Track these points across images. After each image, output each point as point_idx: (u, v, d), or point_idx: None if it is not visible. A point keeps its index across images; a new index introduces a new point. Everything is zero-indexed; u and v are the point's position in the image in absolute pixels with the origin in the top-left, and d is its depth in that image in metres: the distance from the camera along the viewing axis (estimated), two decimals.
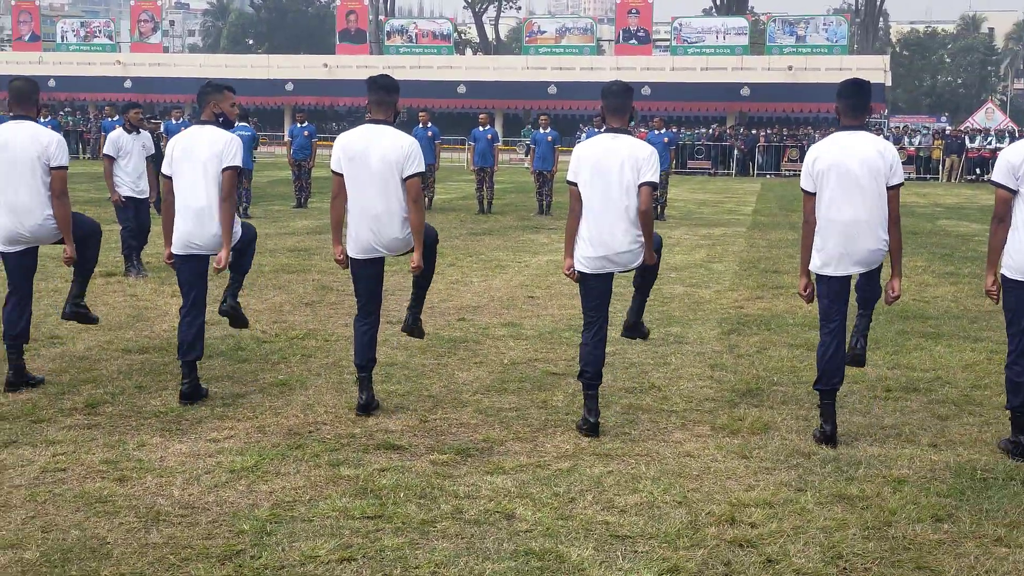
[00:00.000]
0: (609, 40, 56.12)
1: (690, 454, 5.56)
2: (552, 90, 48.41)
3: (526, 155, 26.24)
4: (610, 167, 5.80)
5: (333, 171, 6.18)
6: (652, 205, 5.92)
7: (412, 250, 6.19)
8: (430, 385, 6.88)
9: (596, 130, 20.15)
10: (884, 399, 6.72)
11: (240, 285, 6.91)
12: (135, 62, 55.34)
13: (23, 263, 6.66)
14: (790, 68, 46.20)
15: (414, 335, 6.84)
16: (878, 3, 69.65)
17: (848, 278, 5.92)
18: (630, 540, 4.42)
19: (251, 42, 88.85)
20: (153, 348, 7.75)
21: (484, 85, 50.36)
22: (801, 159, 37.50)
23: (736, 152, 39.29)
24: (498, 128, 38.37)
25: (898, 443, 5.80)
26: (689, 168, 38.23)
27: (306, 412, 6.19)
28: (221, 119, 6.54)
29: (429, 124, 20.18)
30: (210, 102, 6.54)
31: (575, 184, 5.94)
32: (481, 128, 20.64)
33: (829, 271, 5.86)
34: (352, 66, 52.61)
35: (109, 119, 22.00)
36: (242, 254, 6.70)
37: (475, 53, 73.06)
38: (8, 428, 5.74)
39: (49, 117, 24.96)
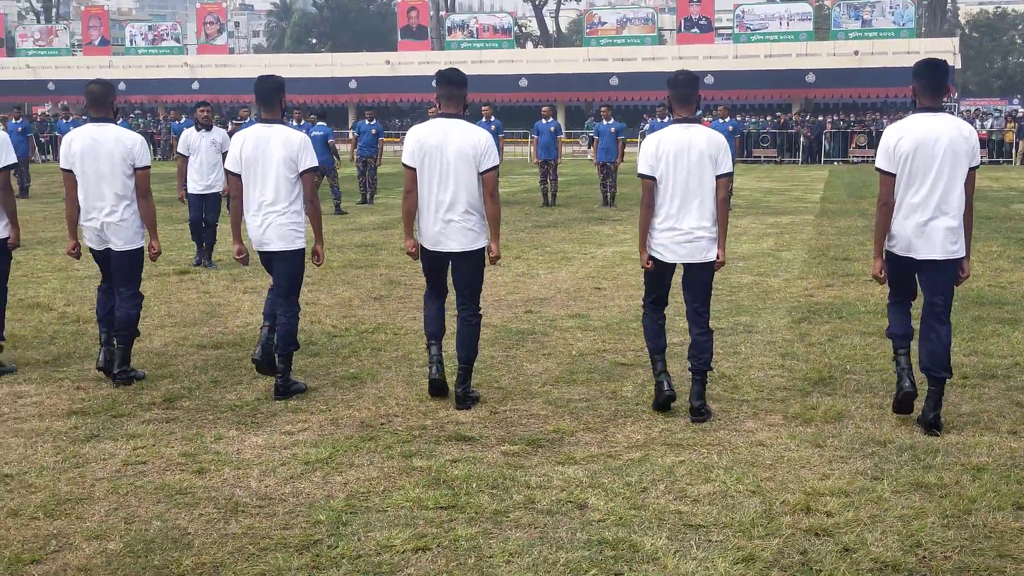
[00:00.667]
0: (670, 29, 55.65)
1: (762, 443, 5.52)
2: (614, 81, 48.20)
3: (589, 147, 26.15)
4: (687, 158, 5.84)
5: (405, 165, 6.18)
6: (728, 195, 5.87)
7: (479, 248, 6.26)
8: (499, 377, 6.90)
9: (660, 120, 20.06)
10: (961, 386, 6.60)
11: (284, 362, 6.54)
12: (202, 64, 56.20)
13: (107, 258, 6.89)
14: (856, 53, 45.47)
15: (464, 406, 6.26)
16: None
17: (916, 262, 5.79)
18: (704, 529, 4.40)
19: (314, 41, 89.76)
20: (227, 343, 7.88)
21: (545, 78, 50.31)
22: (869, 145, 37.18)
23: (802, 139, 38.77)
24: (560, 120, 38.38)
25: (976, 430, 5.70)
26: (754, 156, 37.85)
27: (378, 404, 6.25)
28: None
29: (492, 118, 20.21)
30: (277, 102, 6.64)
31: (650, 177, 5.93)
32: (544, 121, 20.62)
33: (900, 252, 5.81)
34: (414, 62, 52.90)
35: (176, 121, 22.43)
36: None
37: (536, 46, 73.00)
38: (90, 423, 5.88)
39: (120, 119, 25.61)
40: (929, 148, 5.58)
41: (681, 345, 7.75)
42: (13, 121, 23.03)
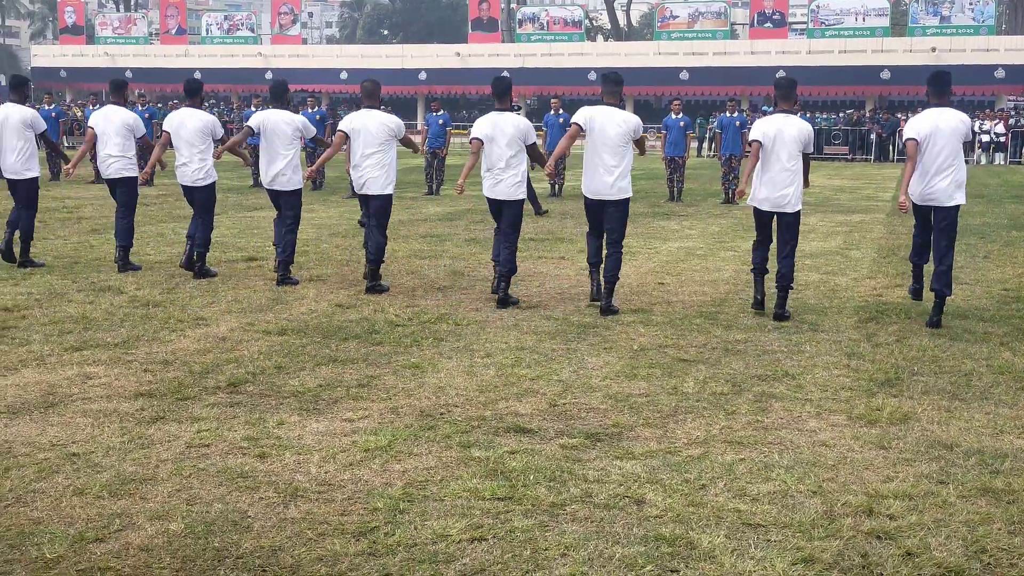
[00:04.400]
0: (743, 24, 55.13)
1: (825, 443, 5.44)
2: (684, 76, 47.84)
3: (657, 141, 25.95)
4: (785, 139, 8.51)
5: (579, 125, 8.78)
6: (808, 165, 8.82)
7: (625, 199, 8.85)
8: (560, 370, 6.89)
9: (729, 115, 19.89)
10: None
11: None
12: (275, 54, 56.91)
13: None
14: (933, 50, 44.58)
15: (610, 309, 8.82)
16: None
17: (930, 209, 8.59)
18: (763, 529, 4.35)
19: (386, 32, 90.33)
20: (291, 330, 7.97)
21: (615, 72, 50.07)
22: None
23: (874, 136, 38.10)
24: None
25: None
26: (826, 154, 37.27)
27: (438, 394, 6.27)
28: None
29: (560, 111, 20.17)
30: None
31: (758, 141, 8.58)
32: (552, 113, 20.29)
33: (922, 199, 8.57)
34: (484, 54, 53.01)
35: (250, 109, 22.78)
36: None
37: (606, 39, 72.70)
38: (156, 405, 5.98)
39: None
40: (939, 131, 8.35)
41: (744, 343, 7.69)
42: (90, 107, 23.56)
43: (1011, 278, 10.83)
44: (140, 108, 24.06)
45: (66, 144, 36.15)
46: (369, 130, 9.47)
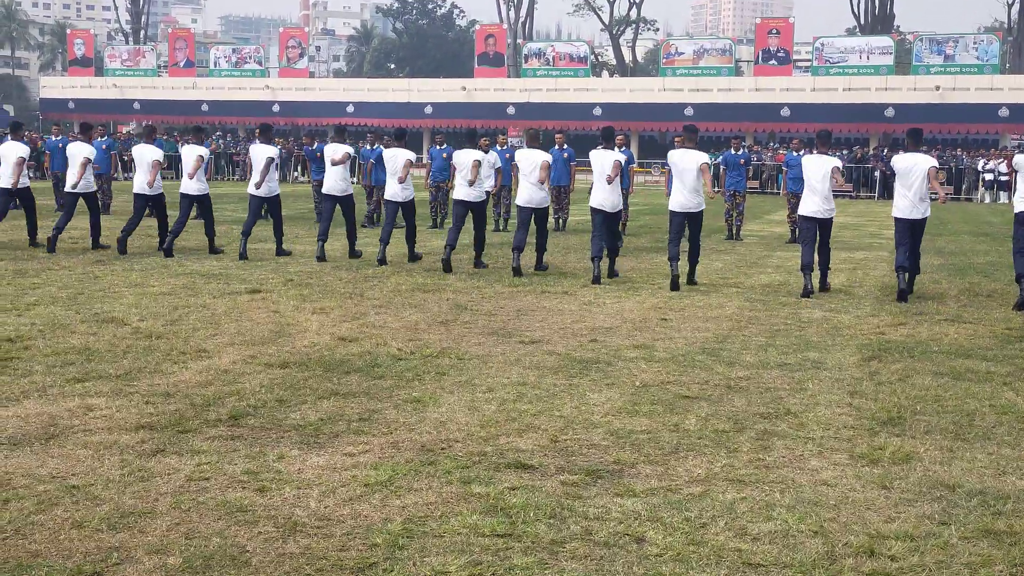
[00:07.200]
0: (748, 61, 55.40)
1: (827, 483, 5.42)
2: (689, 111, 48.07)
3: (662, 177, 25.96)
4: (817, 168, 12.24)
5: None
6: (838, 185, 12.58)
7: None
8: (561, 405, 6.88)
9: (734, 152, 20.00)
10: None
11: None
12: (283, 87, 57.30)
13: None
14: (937, 88, 44.85)
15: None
16: None
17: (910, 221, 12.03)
18: (763, 569, 4.33)
19: (393, 66, 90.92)
20: (294, 363, 7.97)
21: (620, 107, 50.37)
22: (949, 182, 36.60)
23: (878, 173, 38.20)
24: (634, 150, 38.20)
25: None
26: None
27: (439, 429, 6.27)
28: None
29: (565, 146, 20.23)
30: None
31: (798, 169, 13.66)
32: (557, 147, 19.73)
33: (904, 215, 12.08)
34: (490, 89, 53.33)
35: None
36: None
37: (612, 75, 73.09)
38: (157, 437, 5.98)
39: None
40: (911, 169, 11.95)
41: (746, 380, 7.68)
42: (98, 139, 23.67)
43: (1014, 317, 10.82)
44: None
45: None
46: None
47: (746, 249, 18.17)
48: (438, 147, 21.03)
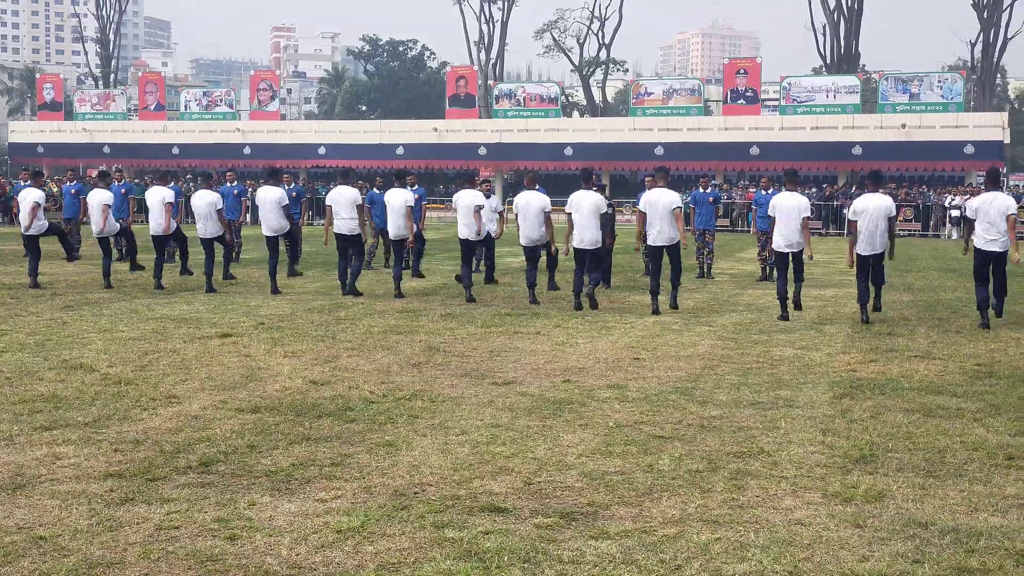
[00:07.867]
0: (716, 100, 55.96)
1: (801, 522, 5.42)
2: (659, 151, 48.45)
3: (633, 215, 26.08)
4: (792, 208, 13.37)
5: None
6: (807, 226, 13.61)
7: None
8: (535, 447, 6.86)
9: (703, 190, 20.14)
10: (1006, 467, 6.46)
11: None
12: (254, 129, 57.28)
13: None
14: (903, 126, 45.42)
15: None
16: (994, 59, 68.18)
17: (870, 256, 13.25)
18: None
19: (364, 108, 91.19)
20: (265, 408, 7.91)
21: (591, 147, 50.69)
22: (916, 218, 37.01)
23: (846, 211, 38.59)
24: (605, 189, 38.41)
25: (1021, 514, 5.56)
26: None
27: (412, 473, 6.22)
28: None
29: (537, 187, 20.22)
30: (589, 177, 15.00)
31: (772, 218, 13.73)
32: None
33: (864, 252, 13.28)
34: (461, 130, 53.54)
35: (228, 184, 22.69)
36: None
37: (582, 115, 73.62)
38: (125, 486, 5.90)
39: (172, 183, 25.85)
40: (871, 209, 13.14)
41: (719, 419, 7.69)
42: (67, 183, 23.54)
43: (983, 353, 10.91)
44: (117, 184, 23.86)
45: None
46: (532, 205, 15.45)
47: (717, 287, 18.25)
48: (409, 188, 20.97)
